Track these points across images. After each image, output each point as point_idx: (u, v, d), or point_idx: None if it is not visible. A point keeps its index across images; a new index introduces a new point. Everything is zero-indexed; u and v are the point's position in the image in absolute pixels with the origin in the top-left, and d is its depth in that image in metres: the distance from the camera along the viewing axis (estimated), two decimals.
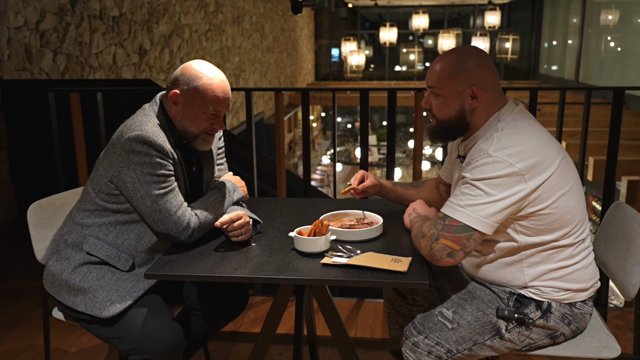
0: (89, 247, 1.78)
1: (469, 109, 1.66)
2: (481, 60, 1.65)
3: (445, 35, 12.75)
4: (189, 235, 1.75)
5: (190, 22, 7.55)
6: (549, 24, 15.61)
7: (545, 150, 1.55)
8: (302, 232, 1.73)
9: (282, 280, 1.58)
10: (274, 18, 12.19)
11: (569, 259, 1.61)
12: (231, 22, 9.28)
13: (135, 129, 1.72)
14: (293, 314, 2.61)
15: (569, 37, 14.00)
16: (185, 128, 1.80)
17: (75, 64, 5.07)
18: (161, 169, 1.73)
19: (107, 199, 1.78)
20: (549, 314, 1.62)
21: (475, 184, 1.53)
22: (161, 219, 1.73)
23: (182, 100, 1.77)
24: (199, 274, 1.60)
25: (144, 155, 1.70)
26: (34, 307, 2.99)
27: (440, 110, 1.69)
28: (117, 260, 1.78)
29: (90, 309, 1.74)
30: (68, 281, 1.77)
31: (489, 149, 1.55)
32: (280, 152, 2.98)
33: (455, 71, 1.64)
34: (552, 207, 1.54)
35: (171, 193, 1.75)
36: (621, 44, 11.68)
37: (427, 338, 1.65)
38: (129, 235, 1.80)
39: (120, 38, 5.82)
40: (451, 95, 1.65)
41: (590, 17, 12.55)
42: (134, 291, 1.76)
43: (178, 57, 7.20)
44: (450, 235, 1.54)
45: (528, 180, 1.50)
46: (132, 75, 6.05)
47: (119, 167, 1.73)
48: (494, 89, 1.66)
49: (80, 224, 1.81)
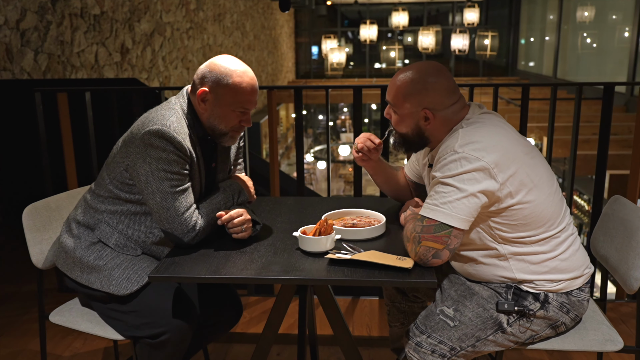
0: (100, 234, 1.78)
1: (423, 128, 1.69)
2: (437, 81, 1.66)
3: (425, 32, 12.81)
4: (192, 237, 1.73)
5: (171, 20, 7.48)
6: (527, 20, 15.79)
7: (510, 144, 1.58)
8: (306, 231, 1.72)
9: (289, 281, 1.56)
10: (254, 16, 12.13)
11: (553, 251, 1.62)
12: (212, 20, 9.21)
13: (157, 122, 1.69)
14: (290, 313, 2.59)
15: (546, 34, 14.17)
16: (214, 126, 1.78)
17: (57, 63, 4.98)
18: (177, 167, 1.70)
19: (121, 187, 1.76)
20: (547, 305, 1.63)
21: (446, 181, 1.55)
22: (168, 218, 1.71)
23: (211, 98, 1.74)
24: (205, 275, 1.58)
25: (162, 151, 1.68)
26: (22, 312, 2.93)
27: (398, 125, 1.74)
28: (126, 250, 1.78)
29: (107, 286, 1.74)
30: (82, 258, 1.77)
31: (455, 145, 1.56)
32: (274, 152, 2.96)
33: (409, 93, 1.67)
34: (523, 201, 1.56)
35: (183, 193, 1.73)
36: (597, 40, 11.87)
37: (430, 337, 1.65)
38: (140, 227, 1.79)
39: (102, 37, 5.74)
40: (405, 114, 1.70)
41: (567, 14, 12.72)
42: (149, 270, 1.76)
43: (160, 56, 7.12)
44: (430, 235, 1.54)
45: (496, 174, 1.52)
46: (115, 75, 5.97)
47: (135, 157, 1.70)
48: (450, 108, 1.67)
49: (93, 208, 1.81)
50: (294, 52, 17.62)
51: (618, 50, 10.67)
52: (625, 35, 10.39)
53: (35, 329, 2.76)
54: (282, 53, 15.42)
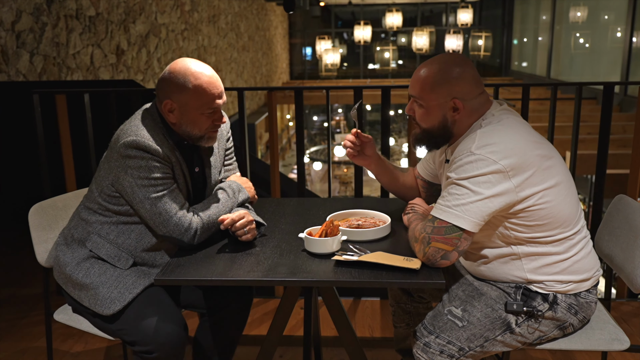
0: (92, 245, 1.79)
1: (450, 120, 1.66)
2: (464, 70, 1.64)
3: (419, 33, 12.83)
4: (191, 236, 1.72)
5: (166, 22, 7.45)
6: (520, 21, 15.84)
7: (527, 147, 1.55)
8: (312, 232, 1.71)
9: (297, 283, 1.55)
10: (248, 17, 12.11)
11: (566, 252, 1.62)
12: (207, 22, 9.19)
13: (130, 133, 1.70)
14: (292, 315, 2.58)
15: (539, 34, 14.22)
16: (188, 132, 1.77)
17: (52, 65, 4.95)
18: (157, 172, 1.71)
19: (108, 200, 1.78)
20: (555, 306, 1.63)
21: (461, 183, 1.54)
22: (162, 222, 1.71)
23: (177, 107, 1.74)
24: (212, 277, 1.57)
25: (140, 159, 1.69)
26: (21, 316, 2.91)
27: (423, 119, 1.69)
28: (117, 260, 1.78)
29: (93, 305, 1.75)
30: (72, 276, 1.78)
31: (472, 147, 1.54)
32: (274, 153, 2.95)
33: (437, 83, 1.63)
34: (540, 202, 1.55)
35: (169, 195, 1.72)
36: (590, 40, 11.92)
37: (439, 337, 1.64)
38: (130, 236, 1.79)
39: (97, 38, 5.71)
40: (433, 106, 1.65)
41: (560, 14, 12.77)
42: (133, 287, 1.75)
43: (155, 57, 7.10)
44: (441, 237, 1.53)
45: (512, 177, 1.51)
46: (110, 76, 5.95)
47: (117, 172, 1.72)
48: (477, 98, 1.65)
49: (84, 220, 1.82)
50: (288, 53, 17.61)
51: (611, 50, 10.72)
52: (617, 35, 10.45)
53: (36, 332, 2.74)
54: (276, 54, 15.40)
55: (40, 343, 2.64)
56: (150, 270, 1.80)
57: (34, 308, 2.99)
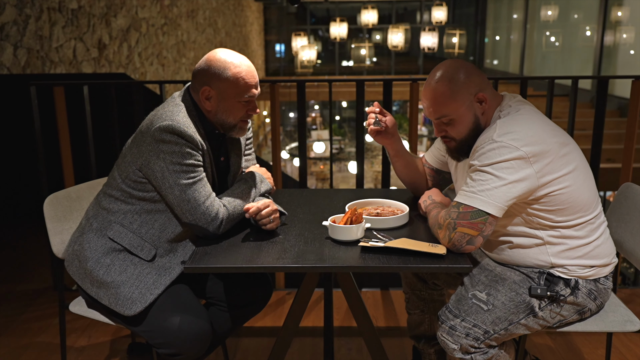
0: (113, 234, 1.76)
1: (480, 114, 1.71)
2: (466, 67, 1.71)
3: (395, 30, 12.93)
4: (217, 225, 1.73)
5: (147, 16, 7.37)
6: (493, 19, 16.09)
7: (545, 134, 1.62)
8: (335, 220, 1.73)
9: (329, 269, 1.57)
10: (225, 13, 12.05)
11: (588, 237, 1.68)
12: (186, 17, 9.10)
13: (166, 118, 1.70)
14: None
15: (512, 32, 14.47)
16: (223, 120, 1.79)
17: (36, 58, 4.85)
18: (190, 159, 1.70)
19: (133, 186, 1.75)
20: (577, 291, 1.68)
21: (484, 169, 1.59)
22: (189, 209, 1.71)
23: (215, 94, 1.75)
24: (242, 265, 1.58)
25: (174, 145, 1.68)
26: (20, 312, 2.86)
27: (459, 131, 1.72)
28: (139, 250, 1.76)
29: (114, 304, 1.72)
30: (92, 272, 1.75)
31: (493, 135, 1.60)
32: (276, 147, 2.96)
33: (454, 91, 1.68)
34: (560, 188, 1.60)
35: (199, 183, 1.72)
36: (561, 38, 12.19)
37: (464, 321, 1.68)
38: (153, 225, 1.77)
39: (80, 32, 5.62)
40: (462, 113, 1.70)
41: (532, 13, 13.02)
42: (154, 287, 1.74)
43: (136, 52, 7.01)
44: (466, 222, 1.58)
45: (533, 163, 1.56)
46: (93, 71, 5.86)
47: (148, 156, 1.70)
48: (490, 88, 1.73)
49: (106, 209, 1.79)
50: (263, 49, 17.54)
51: (582, 48, 10.99)
52: (587, 34, 10.72)
53: (36, 327, 2.70)
54: (252, 50, 15.34)
55: (42, 338, 2.60)
56: (171, 265, 1.78)
57: (31, 304, 2.94)
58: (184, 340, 1.69)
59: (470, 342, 1.67)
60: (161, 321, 1.70)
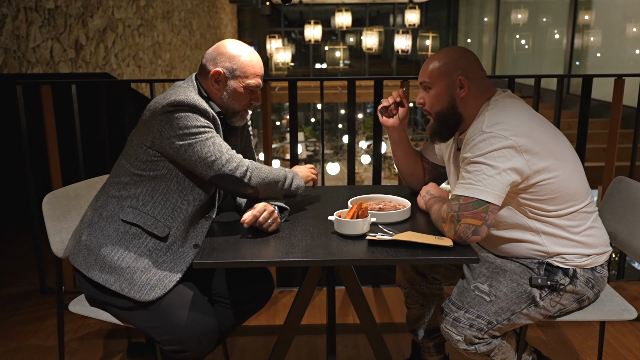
0: (127, 216, 1.74)
1: (458, 98, 1.78)
2: (467, 53, 1.82)
3: (369, 32, 13.04)
4: (244, 172, 1.73)
5: (123, 17, 7.28)
6: (465, 22, 16.33)
7: (533, 124, 1.68)
8: (341, 215, 1.75)
9: (341, 262, 1.59)
10: (200, 14, 11.97)
11: (581, 225, 1.73)
12: (161, 18, 9.02)
13: (178, 95, 1.70)
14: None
15: (483, 35, 14.71)
16: (228, 105, 1.83)
17: (13, 58, 4.76)
18: (204, 123, 1.72)
19: (143, 166, 1.74)
20: (575, 280, 1.73)
21: (478, 160, 1.63)
22: (212, 162, 1.70)
23: (224, 78, 1.80)
24: (252, 259, 1.58)
25: (187, 112, 1.69)
26: (7, 315, 2.80)
27: (433, 103, 1.82)
28: (154, 227, 1.74)
29: (127, 290, 1.70)
30: (105, 257, 1.72)
31: (482, 126, 1.66)
32: (268, 145, 2.96)
33: (444, 66, 1.79)
34: (550, 177, 1.66)
35: (217, 137, 1.74)
36: (531, 41, 12.46)
37: (468, 312, 1.71)
38: (166, 205, 1.77)
39: (57, 32, 5.53)
40: (442, 87, 1.79)
41: (503, 16, 13.26)
42: (172, 275, 1.74)
43: (113, 53, 6.92)
44: (469, 212, 1.61)
45: (523, 152, 1.62)
46: (70, 71, 5.76)
47: (160, 127, 1.70)
48: (481, 81, 1.80)
49: (116, 197, 1.77)
50: None
51: (552, 50, 11.24)
52: (557, 37, 10.97)
53: (26, 330, 2.65)
54: None
55: (33, 341, 2.55)
56: (184, 251, 1.77)
57: (19, 307, 2.88)
58: (192, 337, 1.68)
59: (474, 333, 1.70)
60: (169, 317, 1.69)
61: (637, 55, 8.55)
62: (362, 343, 2.53)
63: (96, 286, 1.76)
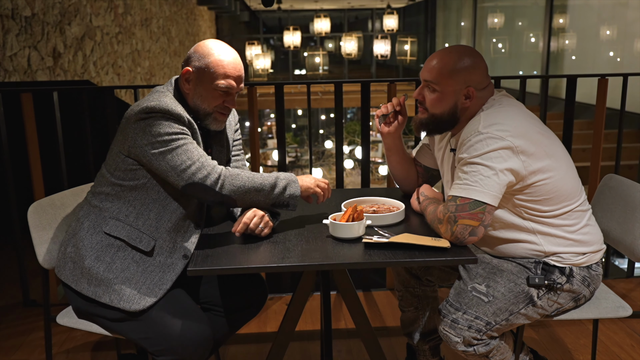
0: (109, 229, 1.69)
1: (461, 107, 1.75)
2: (479, 61, 1.75)
3: (348, 38, 13.07)
4: (215, 180, 1.65)
5: (101, 24, 7.19)
6: (443, 27, 16.48)
7: (528, 125, 1.67)
8: (335, 218, 1.72)
9: (339, 266, 1.56)
10: (179, 22, 11.90)
11: (576, 225, 1.73)
12: (140, 25, 8.94)
13: (150, 101, 1.66)
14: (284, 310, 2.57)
15: (461, 39, 14.85)
16: (198, 105, 1.76)
17: None
18: (178, 129, 1.67)
19: (122, 176, 1.70)
20: (572, 278, 1.73)
21: (474, 161, 1.62)
22: (182, 170, 1.64)
23: (194, 77, 1.74)
24: (247, 265, 1.55)
25: (160, 119, 1.65)
26: None
27: (434, 104, 1.76)
28: (138, 241, 1.69)
29: (117, 301, 1.65)
30: (91, 269, 1.67)
31: (479, 127, 1.65)
32: (255, 150, 2.93)
33: (456, 70, 1.72)
34: (544, 178, 1.65)
35: (191, 145, 1.68)
36: (507, 45, 12.61)
37: (466, 313, 1.70)
38: (149, 216, 1.72)
39: (34, 40, 5.43)
40: (448, 92, 1.74)
41: (479, 21, 13.41)
42: (162, 283, 1.70)
43: (91, 61, 6.83)
44: (466, 213, 1.60)
45: (519, 153, 1.61)
46: (48, 80, 5.67)
47: (134, 135, 1.65)
48: (486, 89, 1.77)
49: (97, 207, 1.73)
50: None
51: (529, 53, 11.39)
52: (532, 40, 11.12)
53: (11, 344, 2.57)
54: None
55: (18, 356, 2.48)
56: (173, 261, 1.73)
57: (0, 322, 2.80)
58: (187, 346, 1.65)
59: (473, 334, 1.69)
60: (162, 327, 1.65)
61: (611, 57, 8.70)
62: (355, 348, 2.50)
63: (85, 298, 1.71)
